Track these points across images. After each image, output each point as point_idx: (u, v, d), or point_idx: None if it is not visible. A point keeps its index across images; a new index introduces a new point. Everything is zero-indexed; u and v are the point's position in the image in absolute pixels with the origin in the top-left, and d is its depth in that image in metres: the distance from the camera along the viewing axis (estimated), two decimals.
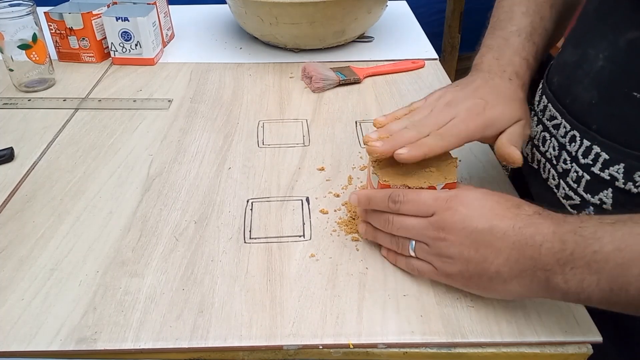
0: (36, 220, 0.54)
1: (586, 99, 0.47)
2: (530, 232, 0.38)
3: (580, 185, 0.47)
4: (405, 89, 0.80)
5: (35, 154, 0.65)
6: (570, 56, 0.51)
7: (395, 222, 0.46)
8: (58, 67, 0.86)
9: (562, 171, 0.50)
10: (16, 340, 0.42)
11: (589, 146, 0.46)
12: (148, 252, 0.50)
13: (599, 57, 0.46)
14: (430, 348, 0.42)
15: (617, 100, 0.44)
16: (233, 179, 0.60)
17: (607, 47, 0.45)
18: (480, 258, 0.40)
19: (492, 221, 0.40)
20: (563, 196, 0.50)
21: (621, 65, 0.44)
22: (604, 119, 0.45)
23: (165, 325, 0.43)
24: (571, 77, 0.50)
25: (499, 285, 0.40)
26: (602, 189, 0.45)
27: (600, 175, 0.45)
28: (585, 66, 0.48)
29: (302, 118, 0.73)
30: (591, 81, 0.47)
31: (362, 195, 0.48)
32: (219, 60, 0.90)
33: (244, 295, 0.46)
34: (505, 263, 0.39)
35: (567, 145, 0.49)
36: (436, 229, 0.42)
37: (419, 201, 0.44)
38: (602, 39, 0.46)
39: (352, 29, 0.89)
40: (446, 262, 0.43)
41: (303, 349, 0.42)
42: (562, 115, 0.50)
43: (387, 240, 0.48)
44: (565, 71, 0.51)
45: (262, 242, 0.51)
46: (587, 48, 0.48)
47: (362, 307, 0.45)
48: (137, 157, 0.64)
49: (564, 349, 0.42)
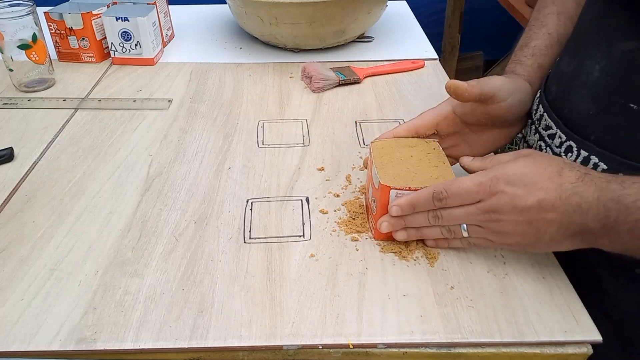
0: (36, 220, 0.54)
1: (583, 110, 0.47)
2: (577, 200, 0.40)
3: None
4: (405, 89, 0.80)
5: (35, 154, 0.65)
6: (567, 66, 0.51)
7: (444, 216, 0.46)
8: (58, 67, 0.86)
9: None
10: (16, 340, 0.42)
11: (586, 157, 0.46)
12: (148, 252, 0.50)
13: (595, 67, 0.46)
14: (430, 348, 0.42)
15: (615, 111, 0.44)
16: (233, 179, 0.60)
17: (602, 58, 0.46)
18: (534, 230, 0.42)
19: (538, 195, 0.41)
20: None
21: (617, 76, 0.44)
22: (602, 130, 0.46)
23: (165, 325, 0.43)
24: (568, 87, 0.50)
25: (553, 246, 0.44)
26: None
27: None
28: (582, 77, 0.48)
29: (302, 118, 0.73)
30: (588, 92, 0.47)
31: (404, 204, 0.47)
32: (219, 60, 0.90)
33: (244, 295, 0.46)
34: (557, 230, 0.42)
35: (563, 155, 0.49)
36: (487, 213, 0.44)
37: (462, 192, 0.44)
38: (598, 50, 0.46)
39: (352, 29, 0.89)
40: (502, 236, 0.44)
41: (303, 349, 0.42)
42: (557, 126, 0.50)
43: (436, 232, 0.48)
44: (562, 81, 0.52)
45: (262, 242, 0.51)
46: (583, 58, 0.48)
47: (362, 307, 0.45)
48: (137, 157, 0.64)
49: (564, 349, 0.42)
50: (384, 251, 0.50)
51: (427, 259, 0.49)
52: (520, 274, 0.48)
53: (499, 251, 0.50)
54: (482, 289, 0.46)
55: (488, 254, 0.50)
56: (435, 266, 0.48)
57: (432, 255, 0.49)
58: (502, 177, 0.43)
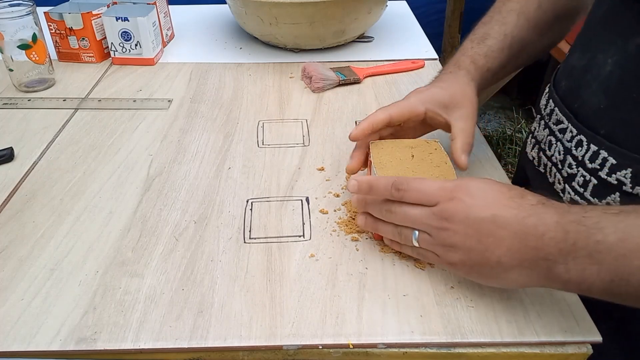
0: (36, 220, 0.54)
1: (594, 104, 0.47)
2: (533, 221, 0.38)
3: (587, 190, 0.48)
4: (405, 89, 0.80)
5: (35, 154, 0.65)
6: (578, 61, 0.51)
7: (398, 212, 0.44)
8: (58, 67, 0.86)
9: (567, 175, 0.50)
10: (16, 340, 0.42)
11: (596, 151, 0.46)
12: (148, 252, 0.50)
13: (608, 62, 0.46)
14: (430, 348, 0.42)
15: (626, 105, 0.44)
16: (233, 179, 0.60)
17: (615, 52, 0.45)
18: (482, 247, 0.40)
19: (494, 210, 0.39)
20: (569, 200, 0.50)
21: (630, 70, 0.44)
22: (612, 124, 0.45)
23: (165, 325, 0.43)
24: (579, 82, 0.50)
25: (500, 273, 0.40)
26: (609, 193, 0.46)
27: (608, 179, 0.45)
28: (594, 71, 0.48)
29: (302, 118, 0.73)
30: (600, 86, 0.47)
31: (363, 182, 0.46)
32: (219, 60, 0.90)
33: (244, 295, 0.46)
34: (506, 252, 0.39)
35: (573, 149, 0.49)
36: (439, 219, 0.42)
37: (423, 190, 0.43)
38: (611, 44, 0.46)
39: (352, 29, 0.89)
40: (449, 251, 0.42)
41: (303, 349, 0.42)
42: (569, 120, 0.50)
43: (389, 230, 0.47)
44: (573, 76, 0.51)
45: (261, 242, 0.51)
46: (595, 53, 0.48)
47: (362, 307, 0.45)
48: (137, 157, 0.64)
49: (563, 349, 0.42)
50: (384, 251, 0.50)
51: None
52: None
53: None
54: (482, 289, 0.46)
55: None
56: (435, 266, 0.48)
57: None
58: (465, 187, 0.41)
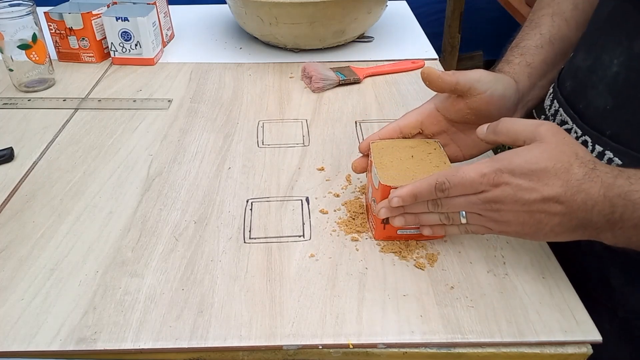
0: (36, 220, 0.54)
1: (600, 105, 0.47)
2: (582, 197, 0.39)
3: None
4: (405, 89, 0.80)
5: (35, 154, 0.65)
6: (583, 61, 0.51)
7: (445, 204, 0.45)
8: (58, 67, 0.86)
9: None
10: (16, 340, 0.42)
11: (601, 151, 0.46)
12: (148, 252, 0.50)
13: (614, 62, 0.46)
14: (430, 348, 0.42)
15: (633, 106, 0.44)
16: (233, 179, 0.60)
17: (621, 53, 0.45)
18: (535, 221, 0.42)
19: (543, 191, 0.40)
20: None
21: (637, 71, 0.44)
22: (618, 125, 0.46)
23: (165, 325, 0.43)
24: (585, 82, 0.50)
25: (551, 237, 0.43)
26: None
27: None
28: (600, 72, 0.48)
29: (302, 118, 0.73)
30: (605, 87, 0.47)
31: (406, 195, 0.45)
32: (219, 60, 0.90)
33: (244, 295, 0.46)
34: (559, 223, 0.41)
35: None
36: (488, 203, 0.42)
37: (465, 183, 0.43)
38: (617, 45, 0.46)
39: (352, 29, 0.89)
40: (502, 225, 0.43)
41: (303, 349, 0.42)
42: (574, 121, 0.50)
43: (434, 218, 0.47)
44: (578, 76, 0.51)
45: (261, 242, 0.51)
46: (601, 53, 0.48)
47: (362, 307, 0.45)
48: (137, 157, 0.64)
49: (564, 349, 0.42)
50: (384, 251, 0.50)
51: (427, 259, 0.49)
52: (520, 274, 0.48)
53: (499, 251, 0.50)
54: (482, 289, 0.46)
55: (488, 254, 0.50)
56: (435, 266, 0.48)
57: (432, 255, 0.49)
58: (506, 170, 0.41)
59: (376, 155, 0.51)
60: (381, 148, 0.52)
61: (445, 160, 0.50)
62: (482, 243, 0.51)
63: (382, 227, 0.50)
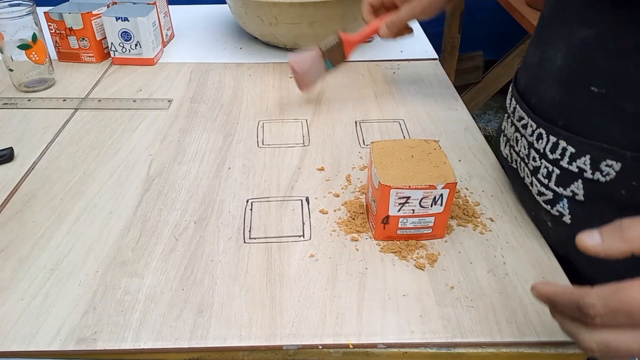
0: (36, 220, 0.54)
1: (550, 97, 0.49)
2: None
3: (551, 180, 0.49)
4: (405, 89, 0.80)
5: (35, 154, 0.65)
6: (533, 57, 0.53)
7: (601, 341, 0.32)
8: (58, 67, 0.86)
9: (532, 169, 0.51)
10: (16, 340, 0.42)
11: (555, 142, 0.47)
12: (148, 252, 0.50)
13: (558, 56, 0.48)
14: (430, 348, 0.42)
15: (578, 95, 0.46)
16: (233, 179, 0.60)
17: (563, 45, 0.47)
18: None
19: None
20: (537, 193, 0.51)
21: (578, 62, 0.46)
22: (568, 114, 0.47)
23: (165, 325, 0.43)
24: (535, 77, 0.52)
25: None
26: (572, 181, 0.47)
27: (569, 168, 0.46)
28: (547, 65, 0.49)
29: (302, 118, 0.73)
30: (553, 79, 0.48)
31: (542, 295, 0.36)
32: (219, 60, 0.90)
33: (244, 295, 0.46)
34: None
35: (535, 143, 0.50)
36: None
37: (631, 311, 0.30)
38: (559, 39, 0.48)
39: (352, 29, 0.89)
40: None
41: (303, 349, 0.42)
42: (529, 115, 0.51)
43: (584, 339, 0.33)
44: (530, 72, 0.53)
45: (261, 242, 0.51)
46: (546, 48, 0.50)
47: (362, 307, 0.45)
48: (137, 157, 0.64)
49: (564, 349, 0.42)
50: (384, 251, 0.50)
51: (427, 259, 0.49)
52: (520, 274, 0.48)
53: (499, 251, 0.50)
54: (482, 289, 0.46)
55: (488, 254, 0.50)
56: (435, 266, 0.48)
57: (432, 255, 0.49)
58: None
59: (376, 155, 0.51)
60: (381, 148, 0.52)
61: (445, 160, 0.51)
62: (482, 243, 0.51)
63: (382, 227, 0.50)
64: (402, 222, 0.50)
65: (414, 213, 0.49)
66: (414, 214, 0.49)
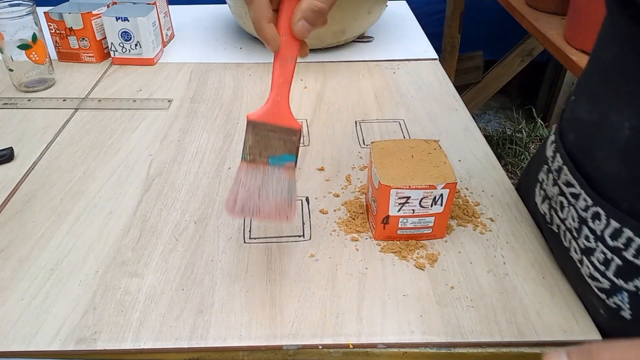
0: (36, 220, 0.54)
1: (611, 172, 0.39)
2: None
3: (610, 269, 0.40)
4: (405, 89, 0.80)
5: (35, 154, 0.65)
6: (587, 114, 0.43)
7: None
8: (58, 67, 0.86)
9: (584, 248, 0.42)
10: (16, 340, 0.42)
11: (618, 228, 0.38)
12: (148, 252, 0.50)
13: (625, 125, 0.38)
14: (430, 348, 0.42)
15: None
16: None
17: (634, 114, 0.37)
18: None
19: None
20: (588, 275, 0.42)
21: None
22: (635, 198, 0.38)
23: (165, 325, 0.43)
24: (591, 140, 0.42)
25: None
26: (638, 276, 0.38)
27: (635, 262, 0.37)
28: (608, 132, 0.40)
29: (302, 118, 0.73)
30: (617, 152, 0.39)
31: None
32: (219, 60, 0.90)
33: (244, 295, 0.46)
34: None
35: (590, 221, 0.41)
36: None
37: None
38: (626, 104, 0.38)
39: (352, 29, 0.89)
40: None
41: (303, 349, 0.42)
42: (582, 186, 0.42)
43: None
44: (582, 131, 0.43)
45: (261, 242, 0.51)
46: (607, 110, 0.40)
47: (362, 307, 0.45)
48: (137, 157, 0.64)
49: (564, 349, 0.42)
50: (384, 251, 0.50)
51: (427, 259, 0.49)
52: (520, 274, 0.48)
53: (499, 251, 0.50)
54: (482, 289, 0.46)
55: (488, 254, 0.50)
56: (435, 266, 0.48)
57: (432, 255, 0.49)
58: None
59: (376, 155, 0.51)
60: (381, 148, 0.52)
61: (445, 160, 0.51)
62: (482, 243, 0.51)
63: (382, 227, 0.50)
64: (402, 222, 0.50)
65: (414, 213, 0.49)
66: (414, 214, 0.49)
